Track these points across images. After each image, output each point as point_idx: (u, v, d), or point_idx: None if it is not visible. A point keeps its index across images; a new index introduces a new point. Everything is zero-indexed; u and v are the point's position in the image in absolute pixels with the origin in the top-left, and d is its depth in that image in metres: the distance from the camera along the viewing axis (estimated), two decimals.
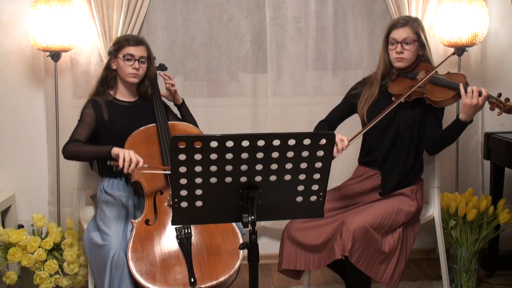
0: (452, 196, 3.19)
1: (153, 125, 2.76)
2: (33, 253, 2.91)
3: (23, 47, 3.31)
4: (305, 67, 3.50)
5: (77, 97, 3.29)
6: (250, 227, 1.86)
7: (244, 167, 1.83)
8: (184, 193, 1.85)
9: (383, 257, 2.53)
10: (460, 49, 3.32)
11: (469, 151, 3.57)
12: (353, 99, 2.81)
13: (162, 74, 2.97)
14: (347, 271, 2.68)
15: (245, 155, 1.81)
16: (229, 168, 1.83)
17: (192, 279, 2.35)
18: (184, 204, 1.87)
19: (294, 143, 1.82)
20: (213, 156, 1.80)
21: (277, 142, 1.81)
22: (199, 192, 1.86)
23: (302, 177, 1.89)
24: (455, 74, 2.68)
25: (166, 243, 2.47)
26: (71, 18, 3.09)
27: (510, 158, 3.12)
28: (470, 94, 2.45)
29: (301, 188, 1.92)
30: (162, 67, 3.05)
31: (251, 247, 1.88)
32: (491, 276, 3.35)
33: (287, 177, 1.88)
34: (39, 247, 2.94)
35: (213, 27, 3.43)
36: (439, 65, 2.67)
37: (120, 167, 2.48)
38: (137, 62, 2.74)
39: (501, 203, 3.17)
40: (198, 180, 1.84)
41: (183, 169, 1.81)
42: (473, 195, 3.22)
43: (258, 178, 1.86)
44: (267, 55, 3.43)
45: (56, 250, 3.02)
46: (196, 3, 3.41)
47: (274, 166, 1.85)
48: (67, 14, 3.07)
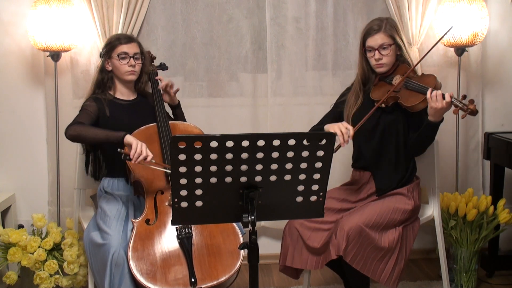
0: (452, 196, 3.19)
1: (153, 124, 2.76)
2: (33, 253, 2.91)
3: (23, 47, 3.31)
4: (305, 67, 3.51)
5: (77, 97, 3.29)
6: (250, 227, 1.86)
7: (244, 167, 1.84)
8: (184, 193, 1.86)
9: (381, 255, 2.53)
10: (460, 49, 3.32)
11: (469, 151, 3.57)
12: (340, 106, 2.84)
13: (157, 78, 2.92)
14: (344, 271, 2.69)
15: (245, 155, 1.81)
16: (229, 168, 1.83)
17: (192, 279, 2.35)
18: (184, 204, 1.88)
19: (294, 143, 1.83)
20: (213, 156, 1.80)
21: (277, 142, 1.81)
22: (199, 192, 1.86)
23: (302, 177, 1.90)
24: (426, 76, 2.70)
25: (167, 243, 2.47)
26: (71, 18, 3.09)
27: (510, 158, 3.12)
28: (434, 98, 2.52)
29: (301, 188, 1.92)
30: (163, 67, 3.04)
31: (251, 247, 1.88)
32: (491, 276, 3.35)
33: (287, 177, 1.88)
34: (39, 247, 2.94)
35: (213, 27, 3.43)
36: (412, 68, 2.67)
37: (130, 156, 2.49)
38: (132, 59, 2.74)
39: (501, 203, 3.17)
40: (198, 180, 1.84)
41: (183, 169, 1.81)
42: (473, 195, 3.22)
43: (258, 178, 1.87)
44: (267, 55, 3.43)
45: (56, 250, 3.02)
46: (196, 3, 3.41)
47: (274, 166, 1.85)
48: (67, 14, 3.07)
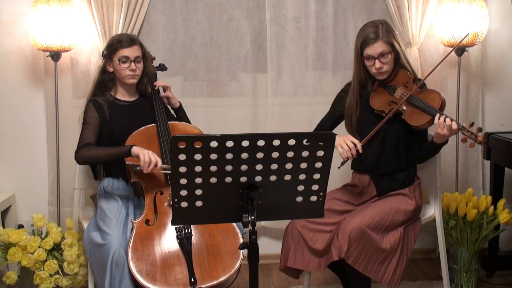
0: (452, 196, 3.19)
1: (153, 125, 2.76)
2: (33, 253, 2.91)
3: (23, 47, 3.31)
4: (305, 67, 3.50)
5: (77, 97, 3.29)
6: (250, 227, 1.86)
7: (244, 167, 1.84)
8: (184, 193, 1.85)
9: (383, 256, 2.53)
10: (460, 49, 3.32)
11: (469, 151, 3.56)
12: (338, 108, 2.82)
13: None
14: (346, 272, 2.68)
15: (245, 155, 1.81)
16: (229, 168, 1.83)
17: (192, 279, 2.35)
18: (184, 204, 1.87)
19: (294, 143, 1.82)
20: (213, 156, 1.80)
21: (277, 142, 1.81)
22: (199, 192, 1.86)
23: (302, 177, 1.90)
24: (430, 92, 2.65)
25: (167, 243, 2.47)
26: (71, 18, 3.09)
27: (510, 158, 3.12)
28: (442, 125, 2.49)
29: (301, 188, 1.92)
30: (162, 67, 3.04)
31: (251, 247, 1.88)
32: (491, 276, 3.35)
33: (287, 177, 1.88)
34: (39, 247, 2.94)
35: (213, 27, 3.43)
36: (416, 87, 2.60)
37: (141, 168, 2.51)
38: (133, 64, 2.72)
39: (501, 203, 3.17)
40: (198, 180, 1.84)
41: (183, 169, 1.81)
42: (473, 195, 3.22)
43: (258, 178, 1.87)
44: (267, 55, 3.43)
45: (56, 250, 3.02)
46: (196, 3, 3.41)
47: (274, 166, 1.85)
48: (67, 14, 3.07)
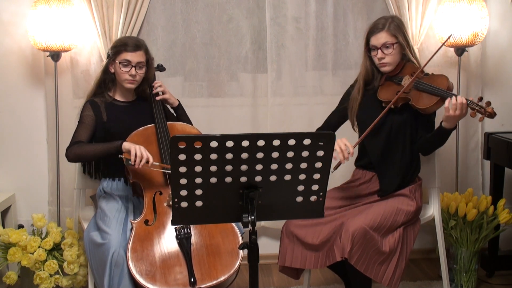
0: (452, 196, 3.19)
1: (151, 125, 2.76)
2: (33, 253, 2.91)
3: (23, 47, 3.31)
4: (305, 67, 3.50)
5: (77, 97, 3.29)
6: (250, 227, 1.86)
7: (244, 167, 1.84)
8: (184, 193, 1.86)
9: (383, 258, 2.53)
10: (460, 49, 3.32)
11: (469, 151, 3.57)
12: (346, 103, 2.82)
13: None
14: (347, 272, 2.68)
15: (245, 155, 1.81)
16: (229, 168, 1.83)
17: (192, 279, 2.35)
18: (184, 204, 1.88)
19: (294, 143, 1.82)
20: (213, 156, 1.80)
21: (277, 142, 1.81)
22: (199, 192, 1.86)
23: (302, 177, 1.90)
24: (437, 76, 2.67)
25: (166, 243, 2.47)
26: (71, 18, 3.09)
27: (510, 158, 3.12)
28: (454, 106, 2.47)
29: (301, 188, 1.92)
30: (161, 68, 3.04)
31: (251, 247, 1.88)
32: (491, 276, 3.35)
33: (287, 177, 1.88)
34: (39, 247, 2.94)
35: (213, 27, 3.43)
36: (421, 68, 2.63)
37: (132, 162, 2.50)
38: (133, 69, 2.70)
39: (501, 203, 3.17)
40: (198, 180, 1.84)
41: (183, 169, 1.81)
42: (473, 195, 3.22)
43: (258, 178, 1.87)
44: (267, 55, 3.43)
45: (56, 250, 3.02)
46: (196, 3, 3.41)
47: (274, 166, 1.85)
48: (67, 14, 3.07)
